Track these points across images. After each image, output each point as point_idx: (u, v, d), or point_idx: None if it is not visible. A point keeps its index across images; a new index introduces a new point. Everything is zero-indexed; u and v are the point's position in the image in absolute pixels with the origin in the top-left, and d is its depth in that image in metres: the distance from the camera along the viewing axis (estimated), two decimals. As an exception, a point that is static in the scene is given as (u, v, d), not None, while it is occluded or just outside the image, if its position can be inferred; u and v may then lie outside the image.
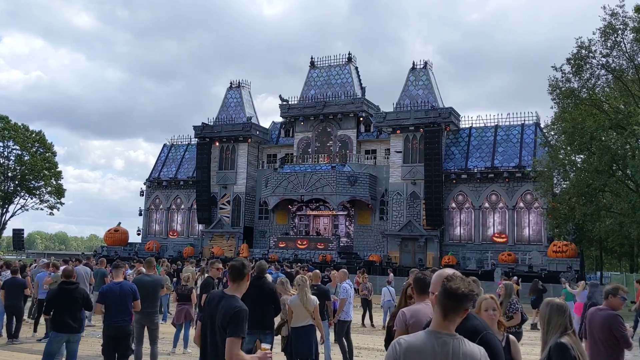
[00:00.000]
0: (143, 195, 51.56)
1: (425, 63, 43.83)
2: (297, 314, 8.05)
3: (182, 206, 50.16)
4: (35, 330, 13.45)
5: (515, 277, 24.23)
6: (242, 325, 4.32)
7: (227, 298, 4.49)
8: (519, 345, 4.74)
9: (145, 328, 9.18)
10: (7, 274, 13.49)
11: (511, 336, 4.77)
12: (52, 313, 8.10)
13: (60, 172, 59.80)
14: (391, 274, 28.76)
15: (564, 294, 16.62)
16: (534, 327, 16.92)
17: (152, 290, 9.11)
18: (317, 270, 11.50)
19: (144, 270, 11.12)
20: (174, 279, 20.69)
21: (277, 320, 8.41)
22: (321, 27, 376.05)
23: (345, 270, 12.16)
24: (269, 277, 14.28)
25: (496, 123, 42.05)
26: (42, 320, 13.03)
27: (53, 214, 60.53)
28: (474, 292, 2.85)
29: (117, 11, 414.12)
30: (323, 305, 9.95)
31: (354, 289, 15.75)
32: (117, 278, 8.28)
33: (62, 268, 11.69)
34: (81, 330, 8.02)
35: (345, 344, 10.69)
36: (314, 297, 8.21)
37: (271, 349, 8.00)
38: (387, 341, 5.31)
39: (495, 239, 39.14)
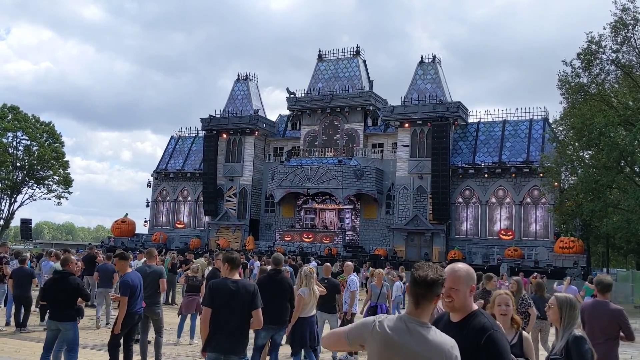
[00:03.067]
0: (150, 186, 51.73)
1: (434, 57, 43.63)
2: (306, 305, 8.21)
3: (189, 198, 50.31)
4: (42, 319, 13.56)
5: (535, 273, 24.04)
6: (260, 298, 5.75)
7: (240, 282, 5.71)
8: (531, 342, 4.74)
9: (149, 319, 9.27)
10: (15, 263, 13.58)
11: (524, 333, 4.77)
12: (47, 301, 8.24)
13: (67, 161, 60.09)
14: (386, 269, 29.15)
15: (585, 290, 16.70)
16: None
17: (153, 280, 9.21)
18: (328, 263, 11.47)
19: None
20: (179, 270, 20.74)
21: None
22: (328, 22, 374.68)
23: (351, 263, 12.18)
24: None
25: (504, 118, 41.87)
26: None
27: (61, 204, 60.90)
28: (442, 277, 2.89)
29: (126, 3, 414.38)
30: (333, 299, 9.99)
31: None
32: (127, 269, 8.38)
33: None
34: (74, 318, 8.06)
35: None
36: (317, 287, 8.50)
37: (280, 343, 8.01)
38: None
39: (501, 234, 39.07)
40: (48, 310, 8.20)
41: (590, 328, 5.90)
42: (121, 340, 8.07)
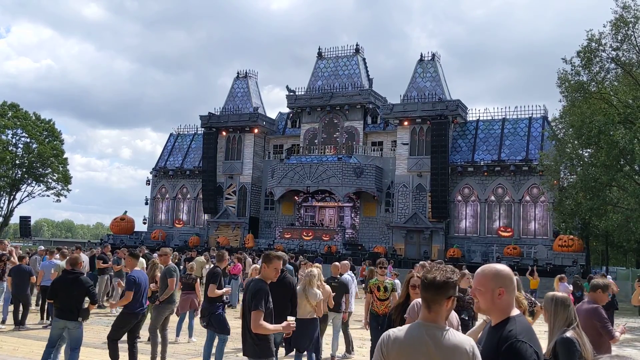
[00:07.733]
0: (149, 184, 51.67)
1: (433, 55, 43.57)
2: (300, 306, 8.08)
3: (188, 196, 50.27)
4: (42, 318, 13.55)
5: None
6: (261, 301, 5.41)
7: (254, 281, 5.66)
8: None
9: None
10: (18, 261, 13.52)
11: None
12: (55, 299, 8.25)
13: (66, 158, 60.07)
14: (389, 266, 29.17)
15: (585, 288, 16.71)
16: None
17: (161, 280, 9.63)
18: (337, 262, 11.45)
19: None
20: (181, 267, 20.73)
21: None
22: (327, 21, 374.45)
23: (347, 262, 12.19)
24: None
25: (503, 116, 41.84)
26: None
27: (60, 200, 60.92)
28: (452, 279, 2.84)
29: (126, 2, 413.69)
30: (341, 297, 9.98)
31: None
32: (136, 267, 8.72)
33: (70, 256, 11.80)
34: (81, 318, 8.07)
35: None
36: (318, 292, 8.23)
37: (278, 343, 7.95)
38: (388, 326, 5.48)
39: (500, 232, 39.06)
40: (56, 309, 8.23)
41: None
42: (124, 337, 8.15)
